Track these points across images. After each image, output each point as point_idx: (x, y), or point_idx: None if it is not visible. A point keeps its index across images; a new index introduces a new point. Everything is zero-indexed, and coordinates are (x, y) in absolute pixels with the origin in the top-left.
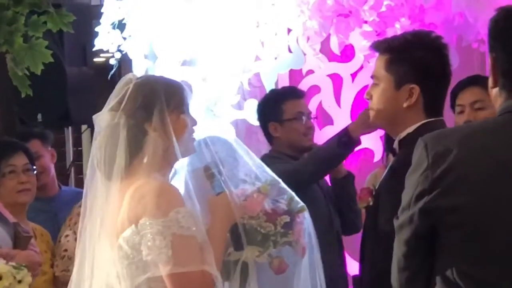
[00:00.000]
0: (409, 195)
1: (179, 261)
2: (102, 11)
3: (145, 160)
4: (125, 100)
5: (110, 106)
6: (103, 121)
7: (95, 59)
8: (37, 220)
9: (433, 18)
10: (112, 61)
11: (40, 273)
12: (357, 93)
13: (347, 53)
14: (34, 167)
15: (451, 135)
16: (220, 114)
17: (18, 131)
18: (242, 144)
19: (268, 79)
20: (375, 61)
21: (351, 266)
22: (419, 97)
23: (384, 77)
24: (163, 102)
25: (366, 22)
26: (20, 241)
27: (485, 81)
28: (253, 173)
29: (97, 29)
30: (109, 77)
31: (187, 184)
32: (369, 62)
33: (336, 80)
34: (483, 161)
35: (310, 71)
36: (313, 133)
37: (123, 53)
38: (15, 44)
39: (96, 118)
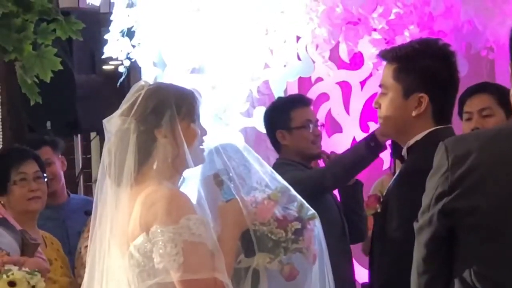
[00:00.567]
0: (429, 197)
1: (190, 268)
2: (111, 18)
3: (154, 166)
4: (136, 106)
5: (121, 111)
6: (113, 125)
7: (104, 67)
8: (45, 227)
9: (442, 25)
10: (121, 69)
11: (50, 281)
12: (366, 101)
13: (356, 60)
14: (45, 174)
15: (471, 138)
16: (229, 121)
17: (28, 138)
18: (253, 151)
19: (277, 86)
20: (383, 69)
21: (359, 273)
22: (428, 105)
23: (392, 86)
24: (174, 109)
25: (375, 29)
26: (27, 248)
27: (493, 88)
28: (263, 181)
29: (106, 36)
30: (118, 84)
31: (198, 192)
32: (378, 70)
33: (345, 87)
34: (503, 165)
35: (319, 79)
36: (320, 140)
37: (132, 60)
38: (24, 52)
39: (106, 122)
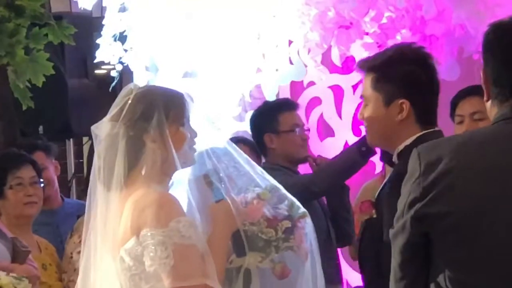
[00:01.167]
0: (402, 203)
1: (181, 273)
2: (103, 23)
3: (143, 171)
4: (124, 111)
5: (110, 116)
6: (102, 131)
7: (96, 71)
8: (39, 232)
9: (434, 29)
10: (113, 73)
11: (46, 286)
12: (358, 105)
13: (348, 64)
14: (41, 180)
15: (444, 144)
16: (221, 126)
17: (20, 143)
18: (242, 153)
19: (269, 90)
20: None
21: (352, 276)
22: (410, 110)
23: (372, 96)
24: (162, 114)
25: (367, 33)
26: (18, 255)
27: None
28: (253, 181)
29: (98, 41)
30: (110, 89)
31: (188, 194)
32: None
33: (337, 91)
34: (474, 169)
35: (311, 83)
36: (307, 144)
37: (124, 65)
38: (16, 57)
39: (95, 128)
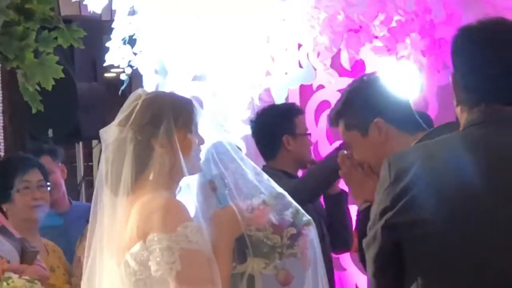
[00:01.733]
0: (373, 213)
1: (187, 277)
2: (112, 26)
3: (151, 176)
4: (133, 116)
5: (118, 120)
6: (110, 135)
7: (106, 75)
8: (48, 235)
9: (443, 33)
10: (123, 77)
11: None
12: None
13: (358, 68)
14: (48, 183)
15: (413, 152)
16: (230, 129)
17: (29, 147)
18: (248, 159)
19: (279, 94)
20: None
21: (361, 280)
22: (388, 124)
23: (350, 136)
24: (171, 120)
25: (376, 37)
26: (27, 256)
27: None
28: (259, 188)
29: (107, 44)
30: (119, 92)
31: (194, 199)
32: None
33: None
34: (442, 177)
35: (321, 86)
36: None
37: (134, 68)
38: (26, 60)
39: (104, 132)
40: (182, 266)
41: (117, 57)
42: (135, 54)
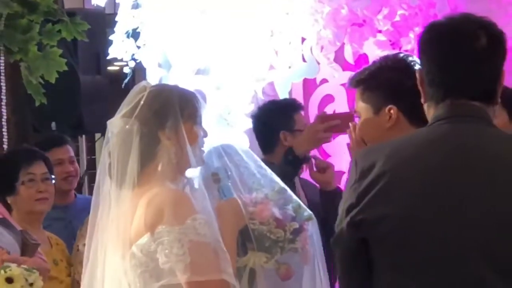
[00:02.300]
0: (340, 210)
1: (198, 269)
2: (116, 19)
3: (159, 168)
4: (139, 107)
5: (122, 112)
6: (114, 127)
7: (109, 68)
8: (52, 228)
9: None
10: (126, 70)
11: (57, 281)
12: None
13: (361, 62)
14: (53, 176)
15: (379, 149)
16: (233, 123)
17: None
18: (253, 153)
19: (282, 88)
20: None
21: None
22: (399, 114)
23: (363, 108)
24: (178, 112)
25: (380, 31)
26: (27, 248)
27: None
28: (261, 182)
29: (111, 37)
30: (123, 85)
31: (199, 192)
32: None
33: (350, 89)
34: (407, 172)
35: (324, 80)
36: None
37: (137, 61)
38: (29, 53)
39: (110, 123)
40: (191, 259)
41: (120, 50)
42: (138, 47)
